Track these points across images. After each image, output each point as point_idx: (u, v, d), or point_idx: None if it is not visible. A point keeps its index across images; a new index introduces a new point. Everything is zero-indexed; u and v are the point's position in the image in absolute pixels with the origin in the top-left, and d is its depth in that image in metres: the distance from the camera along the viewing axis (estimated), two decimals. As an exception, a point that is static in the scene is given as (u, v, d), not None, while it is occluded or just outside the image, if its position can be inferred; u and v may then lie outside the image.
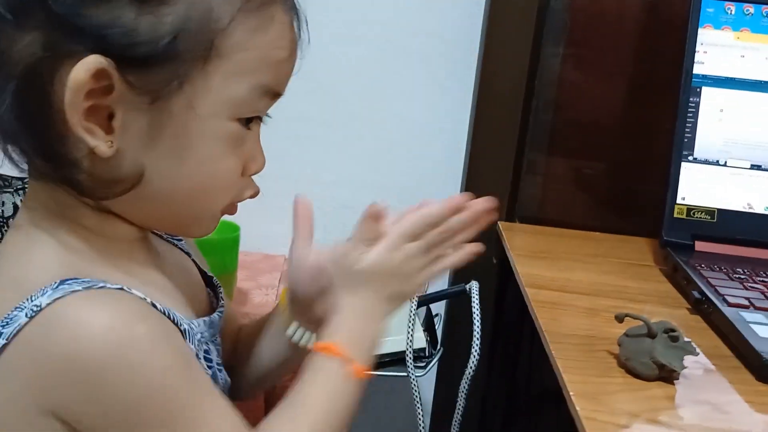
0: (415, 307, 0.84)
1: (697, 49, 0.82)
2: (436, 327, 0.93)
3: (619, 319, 0.57)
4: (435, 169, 1.05)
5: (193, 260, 0.58)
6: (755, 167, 0.82)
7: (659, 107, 0.97)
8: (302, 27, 0.47)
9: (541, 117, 1.00)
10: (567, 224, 0.97)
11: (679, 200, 0.82)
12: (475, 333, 0.78)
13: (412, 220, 0.51)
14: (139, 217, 0.47)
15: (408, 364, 0.82)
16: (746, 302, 0.66)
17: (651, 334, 0.55)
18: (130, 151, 0.42)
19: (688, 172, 0.82)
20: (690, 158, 0.83)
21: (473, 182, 1.01)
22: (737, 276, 0.73)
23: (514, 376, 1.00)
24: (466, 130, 1.03)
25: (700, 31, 0.82)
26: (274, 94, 0.46)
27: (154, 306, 0.43)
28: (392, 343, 0.83)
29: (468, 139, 1.02)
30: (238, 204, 0.50)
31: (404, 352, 0.82)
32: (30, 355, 0.39)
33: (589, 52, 0.98)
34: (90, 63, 0.39)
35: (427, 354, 0.86)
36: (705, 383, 0.56)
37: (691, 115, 0.82)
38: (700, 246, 0.81)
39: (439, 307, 1.00)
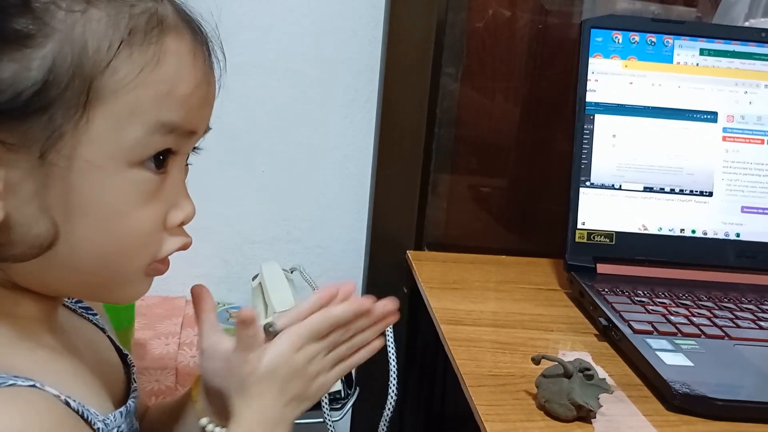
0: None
1: (588, 77, 0.85)
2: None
3: (536, 361, 0.57)
4: (341, 198, 1.04)
5: (108, 336, 0.53)
6: (647, 189, 0.86)
7: (552, 128, 1.00)
8: (213, 55, 0.43)
9: (444, 142, 1.01)
10: (474, 248, 0.98)
11: (579, 225, 0.85)
12: (391, 372, 0.77)
13: (315, 320, 0.49)
14: (49, 286, 0.42)
15: (324, 408, 0.80)
16: (650, 327, 0.69)
17: (567, 375, 0.56)
18: (24, 214, 0.37)
19: (586, 197, 0.85)
20: (587, 183, 0.85)
21: (380, 210, 1.00)
22: (639, 299, 0.76)
23: (431, 409, 1.00)
24: (371, 157, 1.02)
25: (590, 60, 0.85)
26: (188, 132, 0.41)
27: (68, 403, 0.39)
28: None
29: (373, 165, 1.01)
30: None
31: (320, 395, 0.80)
32: None
33: (484, 77, 1.00)
34: None
35: (342, 395, 0.85)
36: (621, 419, 0.57)
37: (586, 141, 0.85)
38: (601, 268, 0.84)
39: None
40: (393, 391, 0.76)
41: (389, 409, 0.77)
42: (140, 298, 0.45)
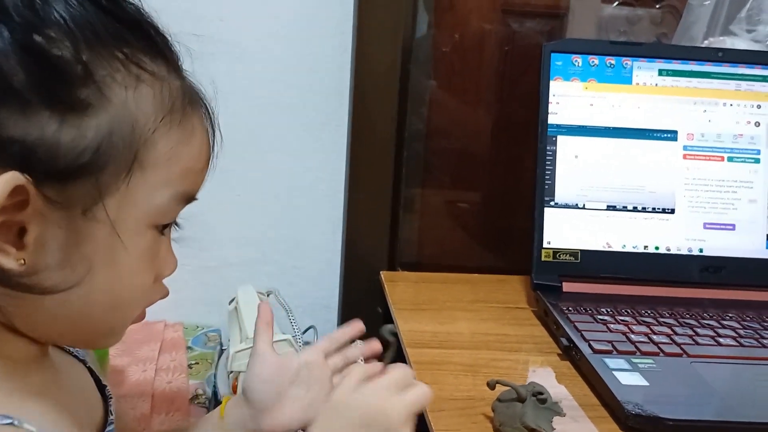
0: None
1: (549, 100, 0.87)
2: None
3: (491, 386, 0.59)
4: (315, 220, 1.05)
5: (88, 367, 0.55)
6: (611, 208, 0.88)
7: (522, 146, 1.02)
8: (216, 133, 0.47)
9: (414, 163, 1.03)
10: (447, 267, 1.00)
11: (545, 244, 0.87)
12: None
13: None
14: (45, 332, 0.44)
15: None
16: (609, 347, 0.71)
17: (520, 399, 0.57)
18: (44, 266, 0.39)
19: (551, 216, 0.87)
20: (552, 203, 0.87)
21: (353, 232, 1.02)
22: (601, 318, 0.78)
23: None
24: (343, 179, 1.04)
25: (551, 83, 0.87)
26: (190, 200, 0.45)
27: None
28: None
29: (345, 187, 1.03)
30: None
31: None
32: None
33: (453, 93, 1.02)
34: (7, 180, 0.36)
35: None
36: (575, 439, 0.59)
37: (549, 162, 0.87)
38: (567, 287, 0.86)
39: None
40: None
41: None
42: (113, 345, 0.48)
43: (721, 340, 0.74)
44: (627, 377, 0.65)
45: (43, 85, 0.37)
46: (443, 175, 1.05)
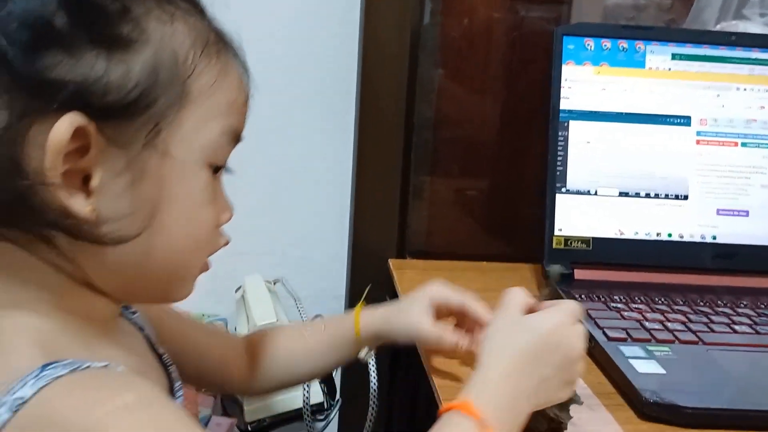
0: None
1: (561, 85, 0.86)
2: (334, 375, 0.92)
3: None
4: (323, 209, 1.05)
5: (146, 335, 0.55)
6: (623, 194, 0.86)
7: (532, 132, 1.01)
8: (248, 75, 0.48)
9: (423, 150, 1.02)
10: (455, 255, 0.99)
11: (556, 232, 0.86)
12: (371, 381, 0.78)
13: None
14: (119, 286, 0.44)
15: (306, 421, 0.80)
16: (624, 334, 0.70)
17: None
18: (112, 213, 0.40)
19: (562, 203, 0.86)
20: (563, 190, 0.86)
21: (360, 220, 1.01)
22: (614, 305, 0.77)
23: (414, 420, 1.00)
24: (350, 168, 1.02)
25: (563, 67, 0.86)
26: (238, 138, 0.46)
27: None
28: (287, 401, 0.81)
29: (353, 176, 1.02)
30: None
31: (301, 409, 0.81)
32: None
33: (461, 81, 1.01)
34: (68, 122, 0.37)
35: (326, 406, 0.85)
36: (592, 428, 0.58)
37: (561, 148, 0.86)
38: (579, 274, 0.85)
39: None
40: (374, 402, 0.77)
41: (370, 420, 0.78)
42: (185, 299, 0.48)
43: (736, 327, 0.73)
44: (643, 365, 0.64)
45: (84, 23, 0.38)
46: (452, 163, 1.04)
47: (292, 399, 0.81)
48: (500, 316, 0.52)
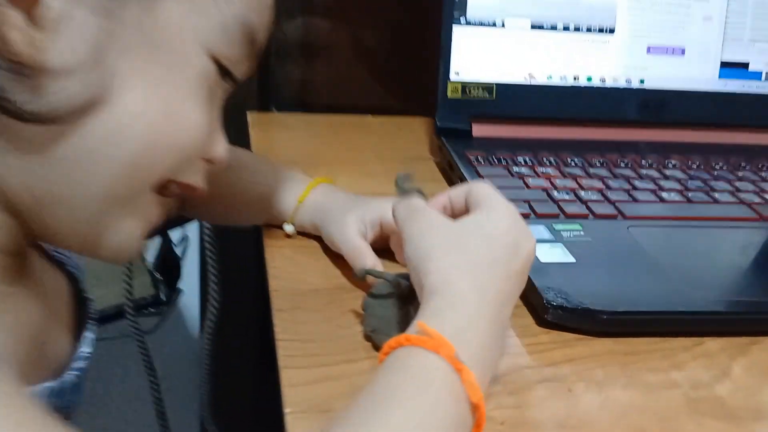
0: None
1: None
2: (182, 257, 0.75)
3: (360, 276, 0.42)
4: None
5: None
6: (536, 27, 0.68)
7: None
8: None
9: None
10: (333, 107, 0.80)
11: (452, 76, 0.67)
12: (210, 274, 0.61)
13: None
14: (33, 204, 0.33)
15: (129, 319, 0.63)
16: (526, 209, 0.54)
17: (400, 294, 0.40)
18: (57, 60, 0.30)
19: (461, 38, 0.67)
20: (462, 20, 0.67)
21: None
22: (519, 171, 0.60)
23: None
24: None
25: None
26: (253, 39, 0.37)
27: None
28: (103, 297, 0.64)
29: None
30: None
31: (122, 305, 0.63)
32: None
33: None
34: None
35: (165, 298, 0.68)
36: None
37: (460, -36, 0.65)
38: (478, 130, 0.68)
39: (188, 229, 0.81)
40: (214, 298, 0.60)
41: (212, 316, 0.61)
42: (127, 258, 0.37)
43: (664, 194, 0.59)
44: (547, 251, 0.48)
45: None
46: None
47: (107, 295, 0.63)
48: (423, 226, 0.37)
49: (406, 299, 0.40)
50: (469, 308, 0.33)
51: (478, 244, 0.36)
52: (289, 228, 0.52)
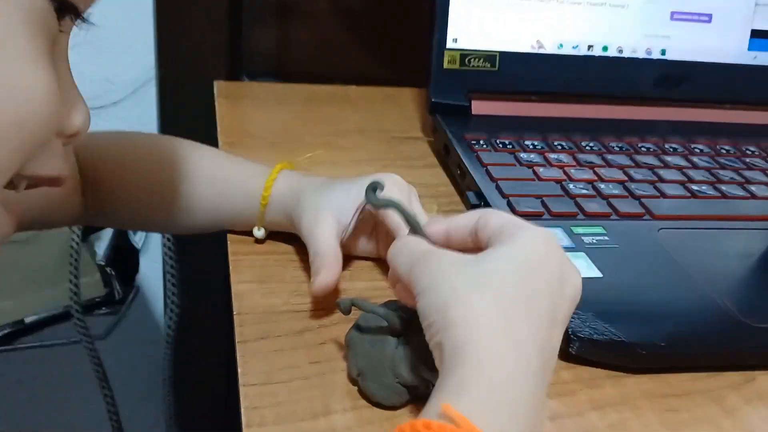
0: (79, 237, 0.55)
1: None
2: (140, 249, 0.66)
3: (344, 310, 0.33)
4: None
5: None
6: (547, -13, 0.59)
7: None
8: None
9: None
10: (312, 76, 0.71)
11: (449, 43, 0.58)
12: (167, 274, 0.52)
13: None
14: None
15: (77, 322, 0.55)
16: (539, 206, 0.46)
17: (394, 330, 0.32)
18: None
19: (459, 0, 0.57)
20: (461, -21, 0.57)
21: (172, 25, 0.69)
22: (527, 159, 0.52)
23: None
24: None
25: None
26: None
27: None
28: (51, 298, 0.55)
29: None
30: None
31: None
32: None
33: None
34: None
35: (118, 297, 0.60)
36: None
37: None
38: (478, 107, 0.59)
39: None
40: (172, 292, 0.52)
41: (171, 315, 0.53)
42: None
43: (694, 187, 0.51)
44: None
45: None
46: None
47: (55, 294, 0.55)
48: (433, 269, 0.29)
49: (399, 335, 0.32)
50: (502, 373, 0.25)
51: (511, 276, 0.27)
52: (259, 233, 0.43)
